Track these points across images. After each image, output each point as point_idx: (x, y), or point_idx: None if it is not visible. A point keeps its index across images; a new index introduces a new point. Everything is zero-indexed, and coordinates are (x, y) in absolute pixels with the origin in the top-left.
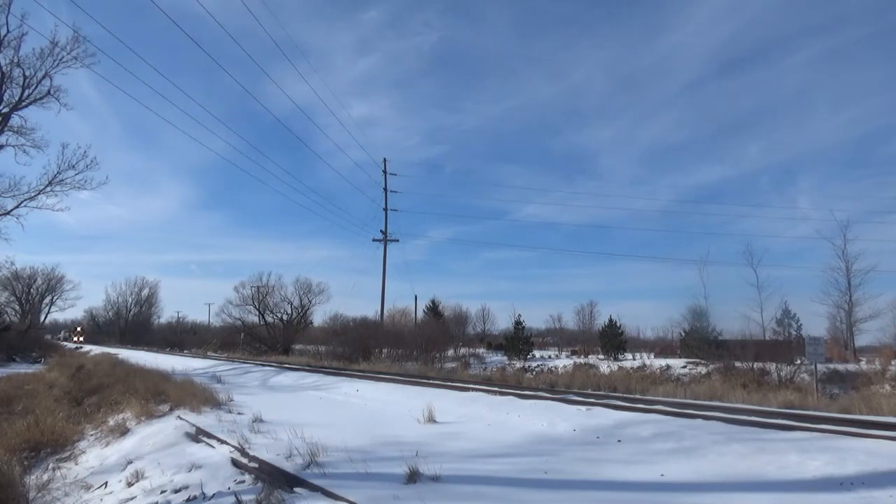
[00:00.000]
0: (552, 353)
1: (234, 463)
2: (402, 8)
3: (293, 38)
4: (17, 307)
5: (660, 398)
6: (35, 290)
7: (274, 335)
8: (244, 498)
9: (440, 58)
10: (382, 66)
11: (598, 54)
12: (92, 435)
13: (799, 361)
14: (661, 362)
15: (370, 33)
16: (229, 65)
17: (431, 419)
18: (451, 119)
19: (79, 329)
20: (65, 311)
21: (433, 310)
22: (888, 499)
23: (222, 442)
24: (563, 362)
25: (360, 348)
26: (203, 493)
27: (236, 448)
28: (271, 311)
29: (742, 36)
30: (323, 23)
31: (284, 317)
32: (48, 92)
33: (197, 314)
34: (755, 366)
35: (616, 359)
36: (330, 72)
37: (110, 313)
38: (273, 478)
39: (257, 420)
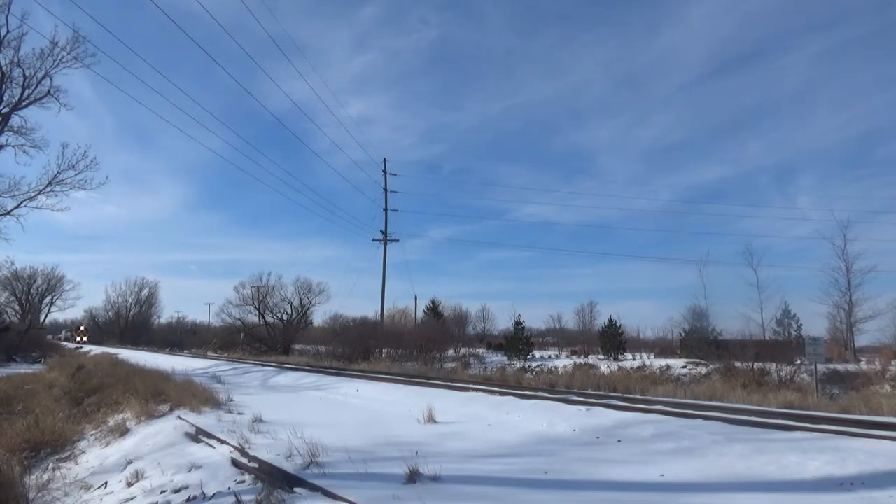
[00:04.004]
0: (552, 353)
1: (234, 463)
2: (399, 5)
3: (290, 35)
4: (17, 307)
5: (660, 398)
6: (35, 290)
7: (274, 335)
8: (244, 498)
9: (438, 55)
10: (380, 64)
11: (597, 52)
12: (92, 435)
13: (799, 361)
14: (661, 362)
15: (367, 30)
16: (225, 63)
17: (431, 419)
18: (450, 118)
19: (82, 328)
20: (65, 311)
21: (433, 310)
22: (888, 499)
23: (222, 442)
24: (563, 362)
25: (360, 348)
26: (203, 494)
27: (236, 448)
28: (271, 311)
29: (741, 34)
30: (319, 20)
31: (284, 317)
32: (48, 92)
33: (197, 314)
34: (755, 366)
35: (616, 359)
36: (327, 69)
37: (110, 313)
38: (273, 478)
39: (257, 420)
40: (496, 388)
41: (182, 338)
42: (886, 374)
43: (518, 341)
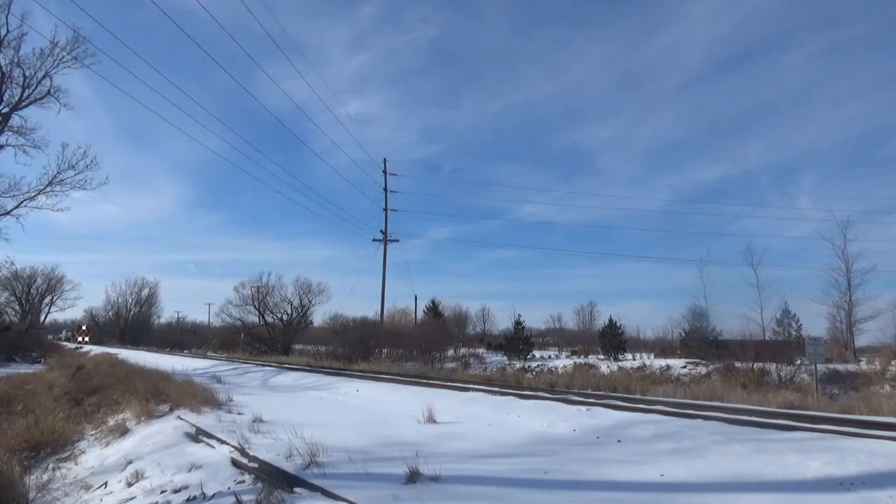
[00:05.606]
0: (552, 353)
1: (234, 463)
2: (398, 4)
3: (288, 34)
4: (17, 307)
5: (660, 398)
6: (35, 290)
7: (274, 335)
8: (244, 498)
9: (437, 54)
10: (379, 63)
11: (597, 51)
12: (92, 435)
13: (799, 361)
14: (661, 362)
15: (366, 29)
16: (224, 62)
17: (431, 419)
18: (449, 117)
19: (83, 328)
20: (65, 311)
21: (433, 310)
22: (888, 499)
23: (222, 442)
24: (563, 362)
25: (360, 348)
26: (203, 494)
27: (236, 448)
28: (271, 312)
29: (741, 32)
30: (318, 18)
31: (284, 317)
32: (48, 92)
33: (197, 314)
34: (755, 366)
35: (616, 359)
36: (325, 69)
37: (110, 313)
38: (273, 478)
39: (257, 420)
40: (496, 388)
41: (182, 338)
42: (886, 374)
43: (518, 341)
